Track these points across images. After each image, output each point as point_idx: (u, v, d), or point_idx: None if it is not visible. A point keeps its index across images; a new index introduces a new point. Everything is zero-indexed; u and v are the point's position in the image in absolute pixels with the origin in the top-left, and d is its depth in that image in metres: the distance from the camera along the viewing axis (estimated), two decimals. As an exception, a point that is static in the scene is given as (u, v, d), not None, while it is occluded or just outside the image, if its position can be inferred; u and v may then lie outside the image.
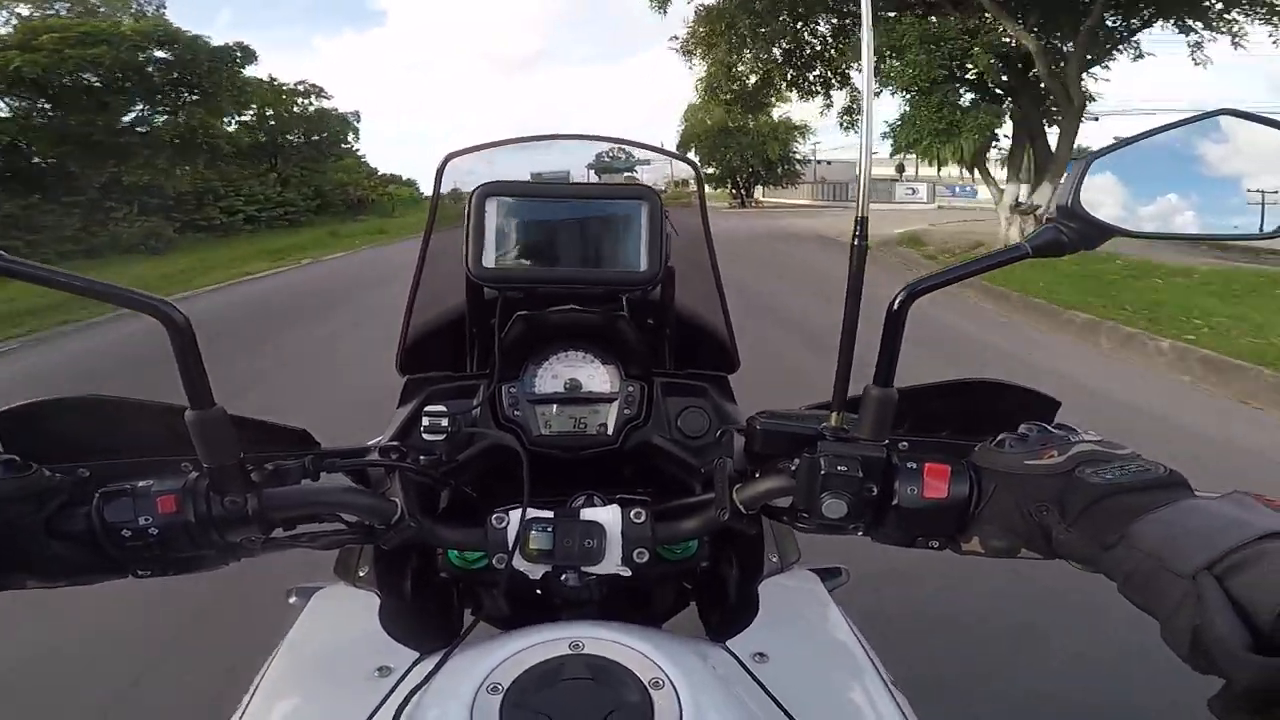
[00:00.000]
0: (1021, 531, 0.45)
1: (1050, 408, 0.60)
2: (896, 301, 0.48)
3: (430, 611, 0.74)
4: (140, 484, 0.48)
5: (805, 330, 5.23)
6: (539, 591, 0.66)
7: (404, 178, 35.99)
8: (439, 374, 0.78)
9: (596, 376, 0.76)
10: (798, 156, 32.87)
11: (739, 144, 29.66)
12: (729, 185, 32.41)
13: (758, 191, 34.59)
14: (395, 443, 0.67)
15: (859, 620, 0.66)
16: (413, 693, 0.48)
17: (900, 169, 32.26)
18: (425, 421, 0.68)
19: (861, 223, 0.48)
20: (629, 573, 0.60)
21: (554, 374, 0.76)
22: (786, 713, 0.50)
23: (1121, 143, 0.50)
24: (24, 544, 0.46)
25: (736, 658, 0.55)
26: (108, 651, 1.82)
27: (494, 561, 0.60)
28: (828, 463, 0.48)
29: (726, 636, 0.58)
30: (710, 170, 29.86)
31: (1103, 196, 0.49)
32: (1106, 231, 0.48)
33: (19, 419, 0.54)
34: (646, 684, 0.46)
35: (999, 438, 0.49)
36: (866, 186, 0.49)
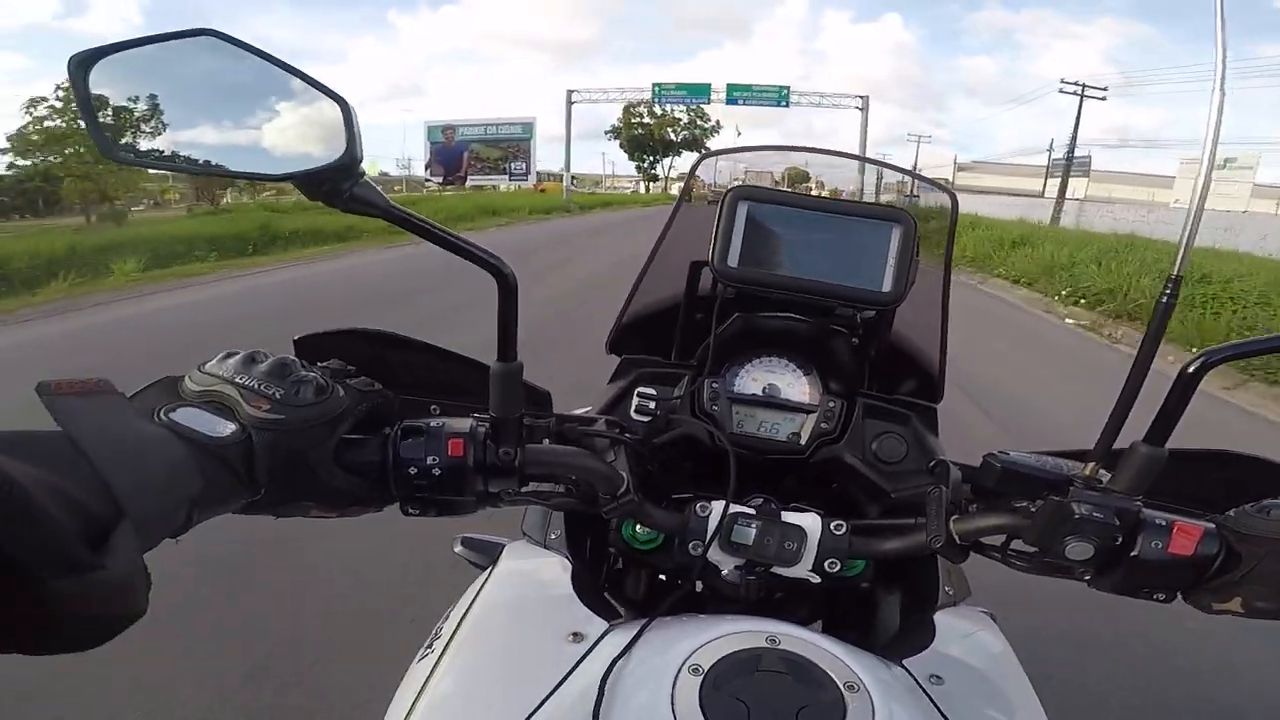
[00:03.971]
0: None
1: None
2: (1191, 367, 0.46)
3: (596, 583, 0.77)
4: (433, 424, 0.50)
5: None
6: (678, 581, 0.67)
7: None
8: (650, 358, 0.80)
9: (795, 386, 0.76)
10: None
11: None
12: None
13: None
14: (615, 417, 0.69)
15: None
16: (614, 662, 0.49)
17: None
18: (636, 402, 0.71)
19: (1174, 282, 0.46)
20: (818, 579, 0.61)
21: (754, 377, 0.77)
22: None
23: None
24: (317, 474, 0.46)
25: (914, 677, 0.55)
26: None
27: (689, 547, 0.61)
28: (1081, 508, 0.48)
29: (899, 657, 0.58)
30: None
31: None
32: None
33: (314, 346, 0.59)
34: (841, 686, 0.46)
35: (1262, 505, 0.50)
36: (1189, 244, 0.46)
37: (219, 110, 0.41)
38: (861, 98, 32.04)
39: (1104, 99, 27.56)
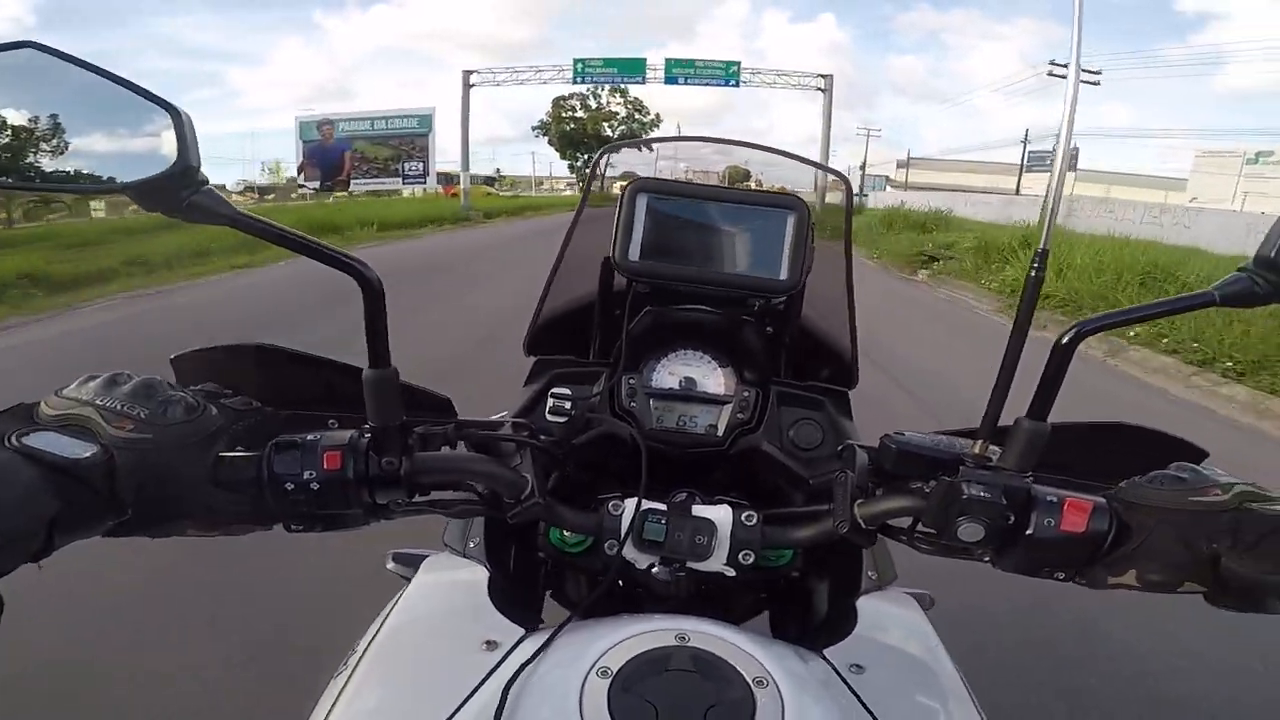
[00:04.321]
0: (1185, 565, 0.47)
1: (1198, 456, 0.58)
2: (1065, 338, 0.47)
3: (524, 589, 0.76)
4: (309, 438, 0.48)
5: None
6: (619, 583, 0.66)
7: None
8: (564, 358, 0.79)
9: (712, 378, 0.77)
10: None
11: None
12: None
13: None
14: (524, 420, 0.68)
15: (951, 645, 0.65)
16: (520, 669, 0.48)
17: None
18: (550, 403, 0.70)
19: (1041, 255, 0.48)
20: (733, 572, 0.60)
21: (670, 371, 0.77)
22: None
23: None
24: (190, 493, 0.45)
25: (833, 666, 0.55)
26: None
27: (605, 547, 0.61)
28: (970, 488, 0.48)
29: (821, 646, 0.58)
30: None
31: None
32: None
33: (192, 363, 0.56)
34: (750, 681, 0.46)
35: (1151, 476, 0.50)
36: (1052, 220, 0.48)
37: (47, 125, 0.39)
38: (824, 77, 26.43)
39: (1097, 84, 25.30)
